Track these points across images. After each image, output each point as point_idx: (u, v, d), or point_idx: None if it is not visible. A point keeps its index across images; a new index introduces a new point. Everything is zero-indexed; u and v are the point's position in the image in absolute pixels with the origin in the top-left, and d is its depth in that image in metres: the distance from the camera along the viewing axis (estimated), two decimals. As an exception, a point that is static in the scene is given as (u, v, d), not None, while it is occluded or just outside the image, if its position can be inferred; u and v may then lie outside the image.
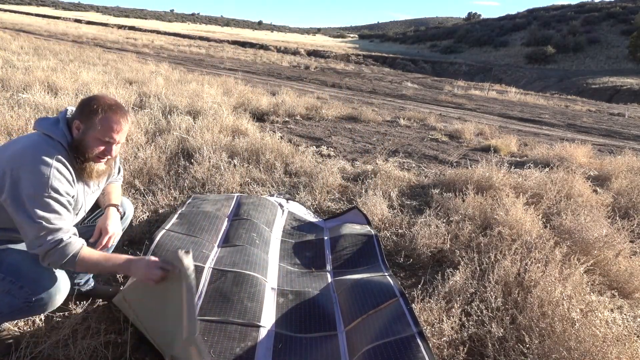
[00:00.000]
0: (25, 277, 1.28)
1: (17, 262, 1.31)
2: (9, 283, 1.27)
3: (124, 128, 1.40)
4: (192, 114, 5.04)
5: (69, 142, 1.35)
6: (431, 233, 2.46)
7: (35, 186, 1.24)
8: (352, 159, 4.45)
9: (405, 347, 1.37)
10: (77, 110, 1.38)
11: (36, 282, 1.29)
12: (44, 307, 1.31)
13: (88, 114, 1.35)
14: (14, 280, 1.28)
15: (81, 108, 1.37)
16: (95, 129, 1.34)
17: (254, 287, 1.75)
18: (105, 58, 11.52)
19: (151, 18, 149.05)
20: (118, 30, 43.27)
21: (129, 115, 1.43)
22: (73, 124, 1.36)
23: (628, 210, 3.36)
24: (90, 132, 1.35)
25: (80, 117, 1.36)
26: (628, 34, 47.64)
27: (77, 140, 1.35)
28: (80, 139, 1.35)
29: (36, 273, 1.29)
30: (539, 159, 5.08)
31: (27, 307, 1.29)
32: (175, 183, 3.06)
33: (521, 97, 16.79)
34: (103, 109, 1.35)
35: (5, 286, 1.28)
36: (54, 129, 1.35)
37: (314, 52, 45.02)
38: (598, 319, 1.52)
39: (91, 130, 1.35)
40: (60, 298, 1.33)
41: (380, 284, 1.81)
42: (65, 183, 1.30)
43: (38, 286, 1.28)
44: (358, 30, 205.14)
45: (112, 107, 1.37)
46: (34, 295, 1.27)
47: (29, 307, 1.29)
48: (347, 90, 13.01)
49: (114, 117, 1.36)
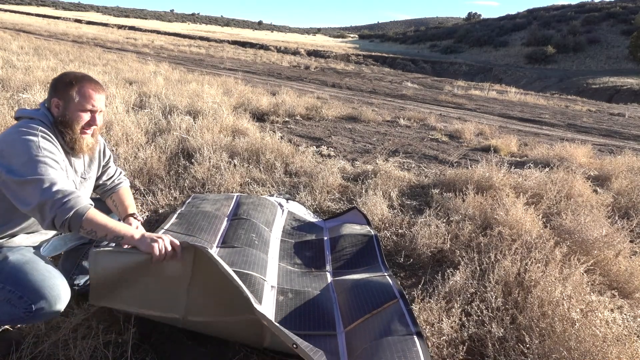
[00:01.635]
0: (25, 287, 1.26)
1: (17, 271, 1.29)
2: (8, 292, 1.25)
3: (102, 95, 1.44)
4: (192, 114, 5.04)
5: (51, 120, 1.38)
6: (431, 233, 2.46)
7: (28, 152, 1.25)
8: (352, 159, 4.45)
9: (403, 348, 1.37)
10: (51, 89, 1.41)
11: (36, 291, 1.25)
12: (45, 316, 1.29)
13: (63, 88, 1.38)
14: (13, 290, 1.25)
15: (54, 86, 1.40)
16: (74, 101, 1.38)
17: (252, 285, 1.75)
18: (105, 58, 11.52)
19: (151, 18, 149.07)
20: (118, 30, 43.29)
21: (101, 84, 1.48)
22: (52, 103, 1.39)
23: (628, 210, 3.36)
24: (70, 105, 1.38)
25: (56, 94, 1.39)
26: (628, 34, 47.64)
27: (61, 117, 1.39)
28: (62, 114, 1.39)
29: (36, 282, 1.26)
30: (539, 159, 5.08)
31: (28, 316, 1.27)
32: (175, 183, 3.06)
33: (521, 97, 16.79)
34: (76, 80, 1.39)
35: (4, 295, 1.25)
36: (34, 112, 1.40)
37: (314, 52, 45.03)
38: (598, 319, 1.52)
39: (71, 103, 1.38)
40: (61, 306, 1.30)
41: (379, 284, 1.81)
42: (54, 147, 1.33)
43: (38, 295, 1.25)
44: (358, 30, 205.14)
45: (85, 77, 1.42)
46: (34, 304, 1.25)
47: (29, 316, 1.27)
48: (347, 90, 13.01)
49: (89, 85, 1.41)
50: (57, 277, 1.31)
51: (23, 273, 1.28)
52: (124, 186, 1.74)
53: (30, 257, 1.33)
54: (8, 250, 1.35)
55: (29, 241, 1.41)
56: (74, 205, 1.23)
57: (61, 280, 1.31)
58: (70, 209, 1.22)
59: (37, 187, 1.21)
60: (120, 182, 1.74)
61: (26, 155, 1.24)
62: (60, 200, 1.22)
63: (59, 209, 1.21)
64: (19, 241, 1.39)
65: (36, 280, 1.26)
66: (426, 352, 1.33)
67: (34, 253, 1.39)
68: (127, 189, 1.75)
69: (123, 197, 1.70)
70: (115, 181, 1.72)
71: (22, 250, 1.36)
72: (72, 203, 1.23)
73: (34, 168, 1.23)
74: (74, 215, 1.22)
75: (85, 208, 1.25)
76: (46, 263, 1.35)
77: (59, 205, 1.21)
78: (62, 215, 1.21)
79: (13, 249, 1.36)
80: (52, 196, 1.21)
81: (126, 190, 1.74)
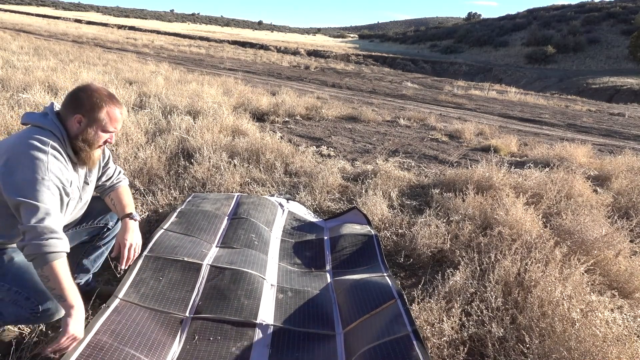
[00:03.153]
0: (31, 288, 1.27)
1: (23, 273, 1.30)
2: (15, 294, 1.27)
3: (124, 116, 1.44)
4: (192, 114, 5.04)
5: (63, 134, 1.36)
6: (431, 233, 2.46)
7: (33, 172, 1.23)
8: (352, 159, 4.45)
9: (400, 347, 1.37)
10: (74, 102, 1.37)
11: (42, 293, 1.27)
12: (51, 317, 1.31)
13: (91, 107, 1.36)
14: (19, 291, 1.27)
15: (79, 101, 1.37)
16: (100, 122, 1.38)
17: (252, 284, 1.75)
18: (105, 58, 11.52)
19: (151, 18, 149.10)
20: (118, 30, 43.29)
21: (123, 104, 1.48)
22: (73, 118, 1.36)
23: (628, 210, 3.36)
24: (95, 125, 1.38)
25: (81, 111, 1.36)
26: (628, 34, 47.62)
27: (81, 134, 1.37)
28: (84, 132, 1.37)
29: (42, 284, 1.27)
30: (539, 158, 5.08)
31: (34, 317, 1.29)
32: (175, 183, 3.06)
33: (521, 97, 16.78)
34: (105, 101, 1.38)
35: (11, 296, 1.27)
36: (43, 120, 1.35)
37: (314, 52, 45.02)
38: (598, 319, 1.52)
39: (96, 124, 1.38)
40: None
41: (378, 284, 1.81)
42: (61, 169, 1.31)
43: (44, 297, 1.27)
44: (358, 30, 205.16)
45: (112, 99, 1.41)
46: (40, 305, 1.27)
47: (35, 317, 1.29)
48: (347, 90, 13.01)
49: (117, 109, 1.42)
50: None
51: (29, 274, 1.29)
52: (123, 185, 1.74)
53: None
54: (13, 251, 1.36)
55: None
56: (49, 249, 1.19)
57: None
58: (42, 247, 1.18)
59: (31, 213, 1.20)
60: (119, 182, 1.73)
61: (31, 174, 1.22)
62: (42, 236, 1.19)
63: (33, 242, 1.18)
64: None
65: None
66: (425, 354, 1.33)
67: None
68: (126, 188, 1.75)
69: (121, 196, 1.70)
70: (114, 180, 1.72)
71: None
72: (48, 243, 1.19)
73: (35, 192, 1.21)
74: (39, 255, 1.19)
75: (57, 256, 1.20)
76: None
77: (37, 239, 1.18)
78: (33, 249, 1.19)
79: (18, 250, 1.36)
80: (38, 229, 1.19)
81: (125, 189, 1.74)
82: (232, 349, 1.45)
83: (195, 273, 1.76)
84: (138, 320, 1.47)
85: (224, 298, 1.65)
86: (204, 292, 1.68)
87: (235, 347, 1.46)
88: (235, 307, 1.61)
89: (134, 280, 1.64)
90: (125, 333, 1.38)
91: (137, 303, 1.54)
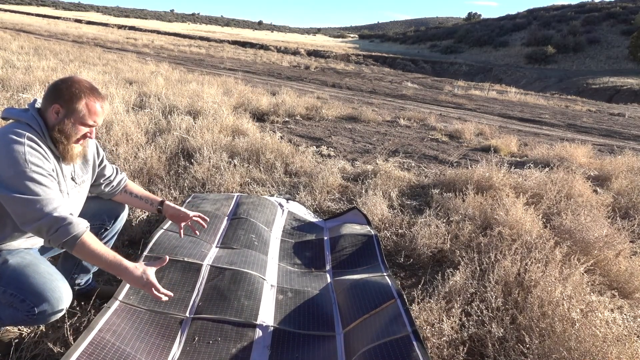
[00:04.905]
0: (26, 290, 1.25)
1: (18, 275, 1.28)
2: (10, 296, 1.25)
3: (105, 111, 1.39)
4: (192, 114, 5.04)
5: (41, 125, 1.31)
6: (431, 233, 2.46)
7: (14, 165, 1.20)
8: (352, 159, 4.45)
9: (400, 347, 1.37)
10: (53, 93, 1.33)
11: (38, 294, 1.25)
12: (47, 318, 1.29)
13: (70, 98, 1.31)
14: (15, 294, 1.25)
15: (59, 91, 1.32)
16: (78, 114, 1.32)
17: (252, 284, 1.75)
18: (105, 58, 11.52)
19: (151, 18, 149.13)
20: (118, 30, 43.30)
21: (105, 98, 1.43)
22: (51, 108, 1.31)
23: (628, 210, 3.36)
24: (72, 116, 1.31)
25: (59, 101, 1.31)
26: (628, 34, 47.64)
27: (58, 125, 1.31)
28: (61, 123, 1.31)
29: (38, 285, 1.26)
30: (539, 159, 5.08)
31: (30, 319, 1.27)
32: (175, 183, 3.06)
33: (521, 97, 16.79)
34: (85, 93, 1.32)
35: (6, 299, 1.25)
36: (22, 114, 1.32)
37: (314, 52, 45.04)
38: (598, 319, 1.51)
39: (73, 115, 1.32)
40: (63, 307, 1.30)
41: (378, 284, 1.80)
42: (41, 159, 1.26)
43: (40, 299, 1.25)
44: (358, 31, 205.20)
45: (93, 91, 1.35)
46: (36, 307, 1.25)
47: (32, 319, 1.27)
48: (347, 90, 13.01)
49: (97, 101, 1.35)
50: (58, 280, 1.31)
51: (25, 276, 1.27)
52: (129, 180, 1.75)
53: (30, 260, 1.33)
54: (7, 253, 1.34)
55: (27, 243, 1.40)
56: (70, 232, 1.23)
57: (62, 282, 1.31)
58: (65, 235, 1.22)
59: (30, 208, 1.19)
60: (123, 178, 1.72)
61: (12, 169, 1.20)
62: (58, 225, 1.21)
63: (53, 235, 1.22)
64: (18, 244, 1.38)
65: (38, 284, 1.26)
66: (425, 354, 1.33)
67: (34, 255, 1.38)
68: (131, 182, 1.76)
69: (137, 188, 1.74)
70: (118, 178, 1.70)
71: (22, 253, 1.35)
72: (67, 229, 1.22)
73: (22, 186, 1.19)
74: (68, 241, 1.23)
75: (80, 233, 1.25)
76: (47, 265, 1.35)
77: (54, 229, 1.21)
78: (55, 240, 1.23)
79: (12, 251, 1.35)
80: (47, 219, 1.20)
81: (131, 183, 1.75)
82: (232, 350, 1.45)
83: (195, 273, 1.76)
84: (138, 323, 1.47)
85: (224, 299, 1.65)
86: (204, 293, 1.68)
87: (235, 348, 1.46)
88: (235, 308, 1.61)
89: None
90: (125, 335, 1.38)
91: (136, 305, 1.54)
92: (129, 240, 2.22)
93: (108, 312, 1.44)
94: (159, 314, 1.54)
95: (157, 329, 1.48)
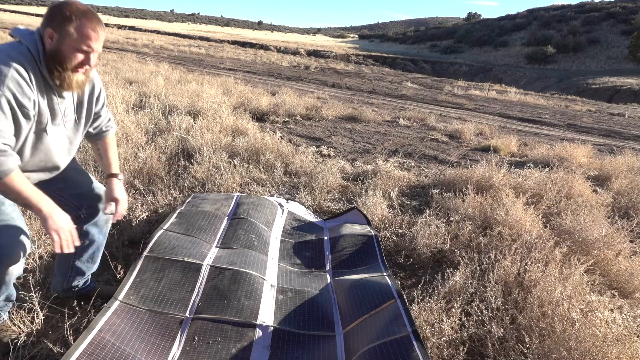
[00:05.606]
0: None
1: None
2: None
3: (101, 36, 1.33)
4: (192, 114, 5.04)
5: (39, 51, 1.27)
6: (431, 233, 2.46)
7: None
8: (352, 159, 4.45)
9: (400, 347, 1.37)
10: (47, 17, 1.27)
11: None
12: None
13: (61, 21, 1.26)
14: None
15: (52, 15, 1.27)
16: (71, 37, 1.25)
17: (252, 285, 1.75)
18: (105, 58, 11.52)
19: (151, 18, 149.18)
20: (118, 30, 43.28)
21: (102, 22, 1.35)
22: (45, 32, 1.27)
23: (628, 210, 3.36)
24: (65, 40, 1.26)
25: (52, 24, 1.25)
26: (628, 34, 47.65)
27: (53, 50, 1.27)
28: (56, 49, 1.27)
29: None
30: (539, 159, 5.08)
31: None
32: (175, 183, 3.06)
33: (521, 97, 16.79)
34: (77, 15, 1.26)
35: None
36: (26, 36, 1.28)
37: (314, 52, 45.04)
38: (598, 319, 1.52)
39: (67, 39, 1.26)
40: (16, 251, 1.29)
41: (378, 284, 1.81)
42: (23, 86, 1.22)
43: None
44: (358, 30, 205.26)
45: (87, 14, 1.29)
46: None
47: None
48: (347, 90, 13.01)
49: (90, 24, 1.27)
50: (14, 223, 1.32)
51: None
52: (111, 134, 1.67)
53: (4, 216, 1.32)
54: None
55: None
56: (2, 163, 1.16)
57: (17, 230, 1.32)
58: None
59: None
60: (107, 130, 1.65)
61: None
62: None
63: None
64: None
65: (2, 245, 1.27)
66: (425, 354, 1.33)
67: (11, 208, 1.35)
68: (113, 138, 1.68)
69: (108, 148, 1.64)
70: (102, 128, 1.64)
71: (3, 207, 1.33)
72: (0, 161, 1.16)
73: None
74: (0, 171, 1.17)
75: (10, 168, 1.18)
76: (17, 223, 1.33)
77: None
78: None
79: None
80: None
81: (112, 139, 1.67)
82: (232, 350, 1.45)
83: (195, 273, 1.76)
84: (138, 323, 1.47)
85: (224, 298, 1.65)
86: (204, 293, 1.68)
87: (235, 348, 1.46)
88: (235, 308, 1.61)
89: (134, 281, 1.64)
90: (125, 335, 1.38)
91: (136, 306, 1.54)
92: (129, 240, 2.22)
93: (108, 312, 1.44)
94: (159, 314, 1.54)
95: (157, 329, 1.48)
